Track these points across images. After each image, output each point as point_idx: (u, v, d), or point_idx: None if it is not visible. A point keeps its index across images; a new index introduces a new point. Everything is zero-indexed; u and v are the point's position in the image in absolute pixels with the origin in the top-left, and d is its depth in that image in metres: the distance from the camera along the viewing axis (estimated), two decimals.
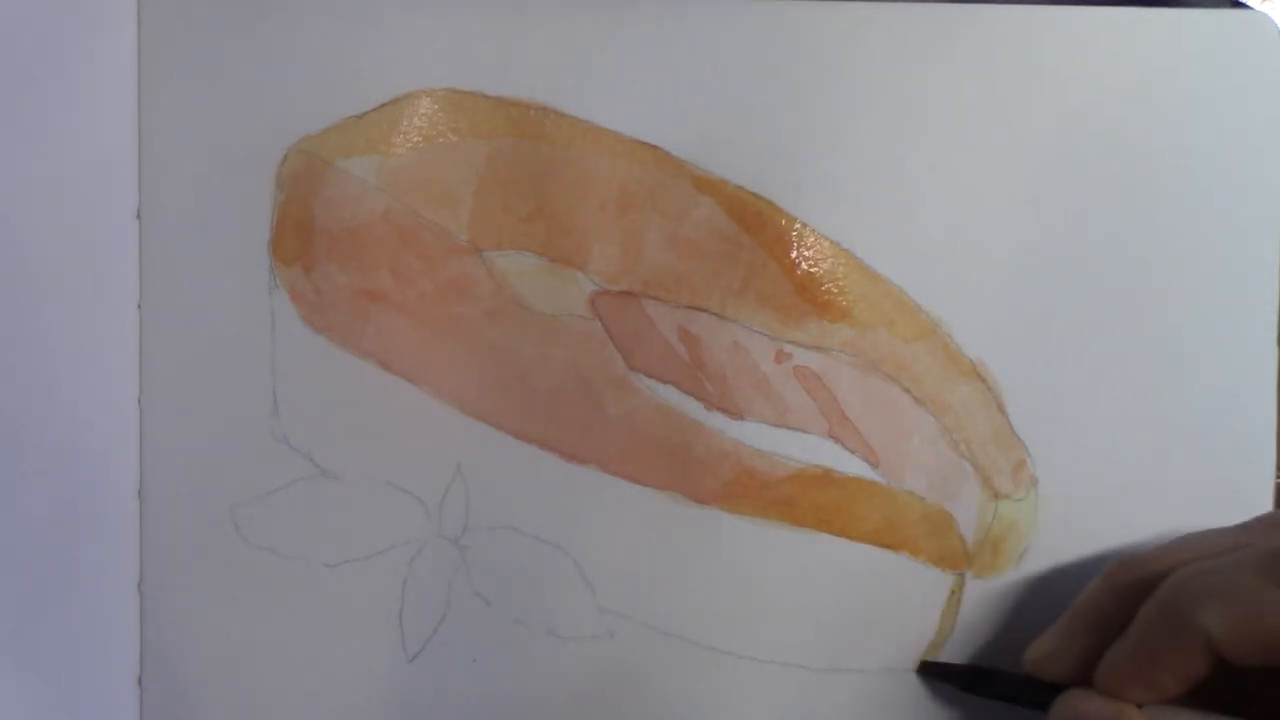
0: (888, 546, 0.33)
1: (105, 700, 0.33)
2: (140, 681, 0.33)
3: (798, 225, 0.33)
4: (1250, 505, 0.33)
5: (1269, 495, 0.34)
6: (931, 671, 0.33)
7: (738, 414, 0.33)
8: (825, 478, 0.33)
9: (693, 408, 0.33)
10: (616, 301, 0.33)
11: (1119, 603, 0.29)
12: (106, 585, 0.33)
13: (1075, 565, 0.33)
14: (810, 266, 0.33)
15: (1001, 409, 0.33)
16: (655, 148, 0.33)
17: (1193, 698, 0.27)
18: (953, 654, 0.33)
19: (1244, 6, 0.33)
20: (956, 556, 0.33)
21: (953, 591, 0.33)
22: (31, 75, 0.32)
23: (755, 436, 0.33)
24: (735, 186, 0.33)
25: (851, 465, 0.33)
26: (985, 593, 0.33)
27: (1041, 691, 0.30)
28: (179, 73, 0.33)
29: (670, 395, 0.33)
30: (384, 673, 0.33)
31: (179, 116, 0.33)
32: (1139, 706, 0.27)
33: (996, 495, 0.33)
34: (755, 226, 0.33)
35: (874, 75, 0.33)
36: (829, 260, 0.33)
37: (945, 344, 0.33)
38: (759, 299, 0.33)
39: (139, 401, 0.33)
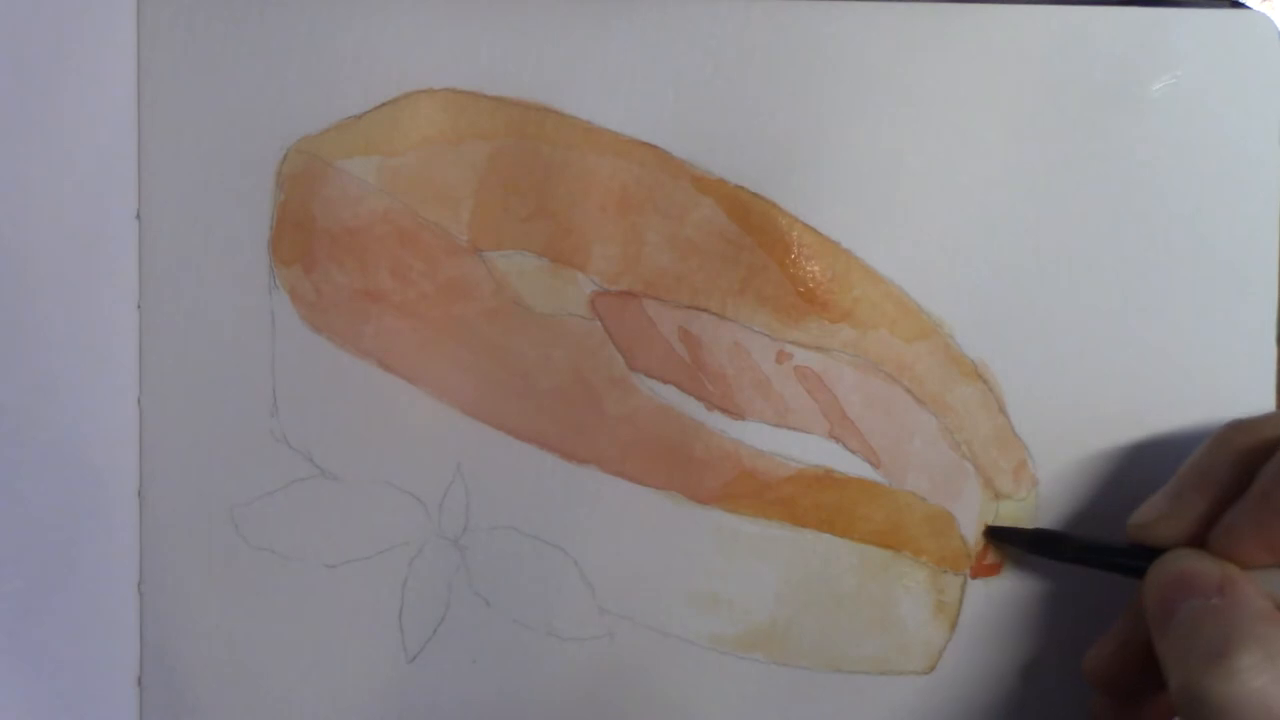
0: (889, 547, 0.33)
1: (105, 700, 0.33)
2: (140, 681, 0.33)
3: (798, 225, 0.33)
4: None
5: None
6: (999, 535, 0.33)
7: (738, 414, 0.33)
8: (826, 478, 0.33)
9: (693, 408, 0.33)
10: (617, 302, 0.33)
11: (1234, 466, 0.28)
12: (106, 585, 0.33)
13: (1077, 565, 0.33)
14: (811, 267, 0.33)
15: (1003, 409, 0.33)
16: (655, 148, 0.33)
17: None
18: (956, 655, 0.33)
19: (1244, 6, 0.33)
20: (958, 557, 0.33)
21: (955, 592, 0.33)
22: (31, 75, 0.32)
23: (756, 437, 0.33)
24: (735, 187, 0.33)
25: (853, 466, 0.33)
26: (987, 593, 0.33)
27: (1126, 556, 0.30)
28: (179, 73, 0.33)
29: (671, 395, 0.33)
30: (384, 673, 0.33)
31: (179, 116, 0.33)
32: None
33: (998, 495, 0.33)
34: (755, 227, 0.33)
35: (874, 75, 0.33)
36: (829, 260, 0.33)
37: (946, 344, 0.33)
38: (759, 299, 0.33)
39: (139, 401, 0.33)
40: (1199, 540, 0.28)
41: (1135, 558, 0.29)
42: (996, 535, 0.33)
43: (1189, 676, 0.25)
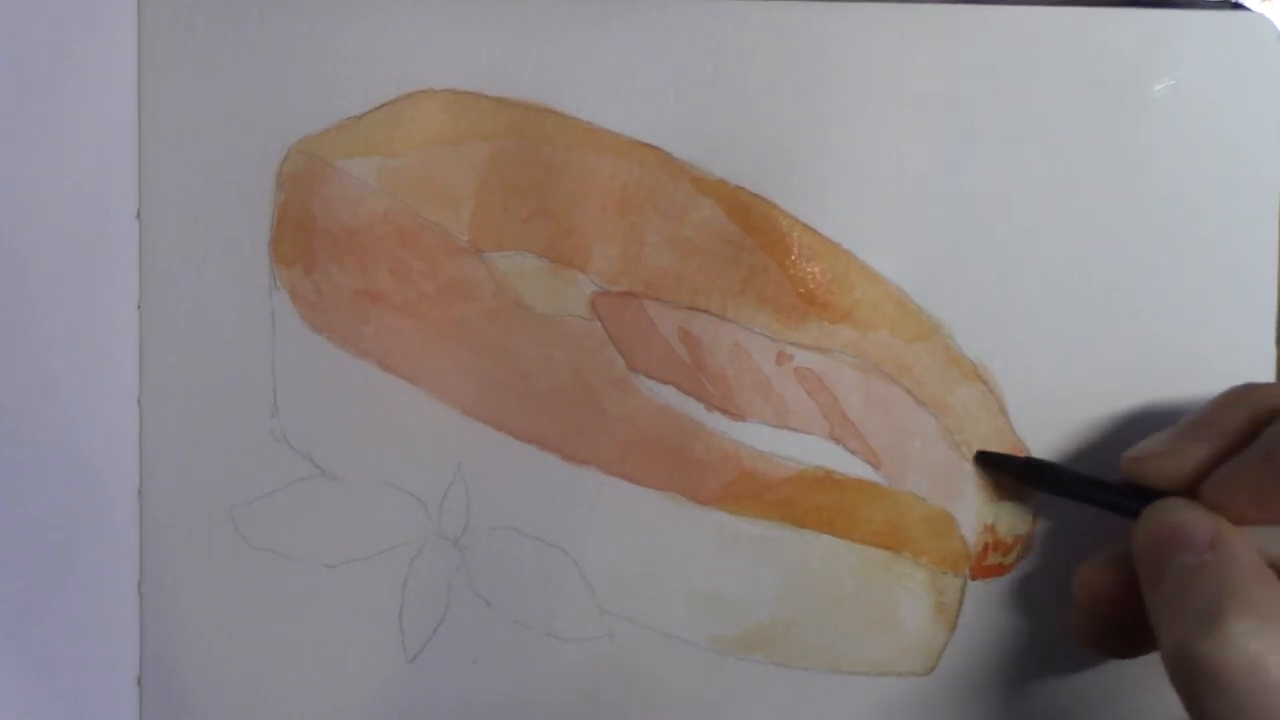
0: (889, 548, 0.33)
1: (105, 700, 0.33)
2: (140, 681, 0.33)
3: (798, 226, 0.33)
4: None
5: None
6: (989, 461, 0.33)
7: (739, 415, 0.33)
8: (827, 479, 0.33)
9: (693, 409, 0.33)
10: (617, 302, 0.33)
11: (1242, 421, 0.28)
12: (106, 585, 0.33)
13: (1075, 566, 0.33)
14: (811, 267, 0.33)
15: (1003, 410, 0.33)
16: (655, 148, 0.33)
17: None
18: (956, 656, 0.34)
19: (1243, 8, 0.33)
20: (958, 558, 0.33)
21: (954, 593, 0.33)
22: (32, 75, 0.32)
23: (756, 438, 0.33)
24: (735, 187, 0.33)
25: (853, 467, 0.33)
26: (987, 594, 0.33)
27: (1118, 494, 0.29)
28: (179, 73, 0.33)
29: (671, 396, 0.33)
30: (384, 673, 0.33)
31: (179, 116, 0.33)
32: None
33: (998, 496, 0.33)
34: (756, 227, 0.33)
35: (874, 75, 0.33)
36: (830, 261, 0.33)
37: (946, 345, 0.33)
38: (760, 300, 0.33)
39: (139, 401, 0.33)
40: (1192, 487, 0.28)
41: (1128, 497, 0.29)
42: (987, 460, 0.33)
43: (1181, 638, 0.25)
